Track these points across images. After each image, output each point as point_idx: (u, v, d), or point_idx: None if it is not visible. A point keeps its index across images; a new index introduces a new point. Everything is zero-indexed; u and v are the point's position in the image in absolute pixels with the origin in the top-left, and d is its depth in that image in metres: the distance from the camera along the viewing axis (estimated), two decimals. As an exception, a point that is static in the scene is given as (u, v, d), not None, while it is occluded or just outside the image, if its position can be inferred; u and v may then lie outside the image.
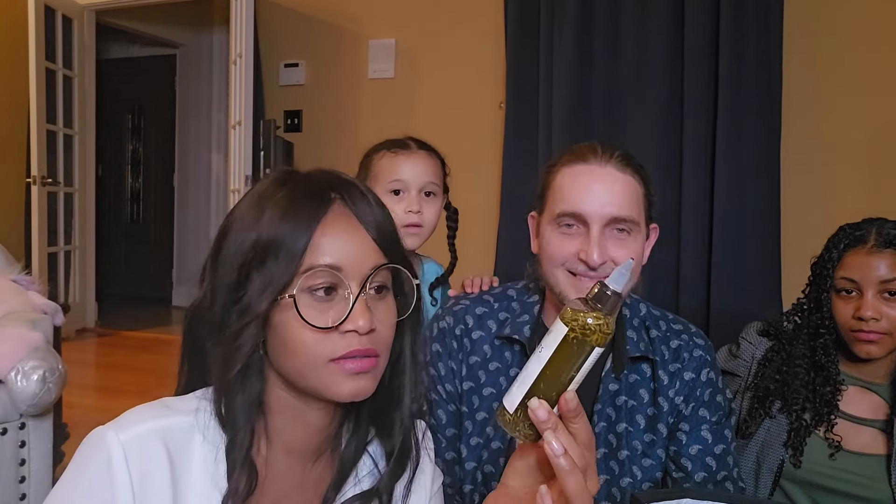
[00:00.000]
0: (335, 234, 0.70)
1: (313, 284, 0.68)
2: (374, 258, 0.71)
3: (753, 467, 1.34)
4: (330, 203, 0.71)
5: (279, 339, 0.70)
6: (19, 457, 1.84)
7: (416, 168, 1.44)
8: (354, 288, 0.69)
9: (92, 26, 4.40)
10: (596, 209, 1.03)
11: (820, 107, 2.72)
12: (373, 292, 0.71)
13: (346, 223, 0.71)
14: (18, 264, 2.32)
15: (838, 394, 1.31)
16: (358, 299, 0.68)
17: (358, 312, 0.68)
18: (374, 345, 0.70)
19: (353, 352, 0.68)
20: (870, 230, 1.29)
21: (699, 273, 2.73)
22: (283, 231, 0.69)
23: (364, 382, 0.70)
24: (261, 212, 0.70)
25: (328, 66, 3.64)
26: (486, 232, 3.15)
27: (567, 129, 2.90)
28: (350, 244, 0.70)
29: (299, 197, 0.71)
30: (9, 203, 4.30)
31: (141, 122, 6.09)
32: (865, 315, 1.24)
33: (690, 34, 2.73)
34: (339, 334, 0.68)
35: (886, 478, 1.24)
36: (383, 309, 0.72)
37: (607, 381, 1.11)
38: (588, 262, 1.02)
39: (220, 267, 0.71)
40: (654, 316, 1.17)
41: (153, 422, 0.69)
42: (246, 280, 0.69)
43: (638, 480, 1.09)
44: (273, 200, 0.71)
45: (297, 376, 0.71)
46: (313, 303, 0.68)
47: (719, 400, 1.13)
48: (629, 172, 1.06)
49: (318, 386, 0.70)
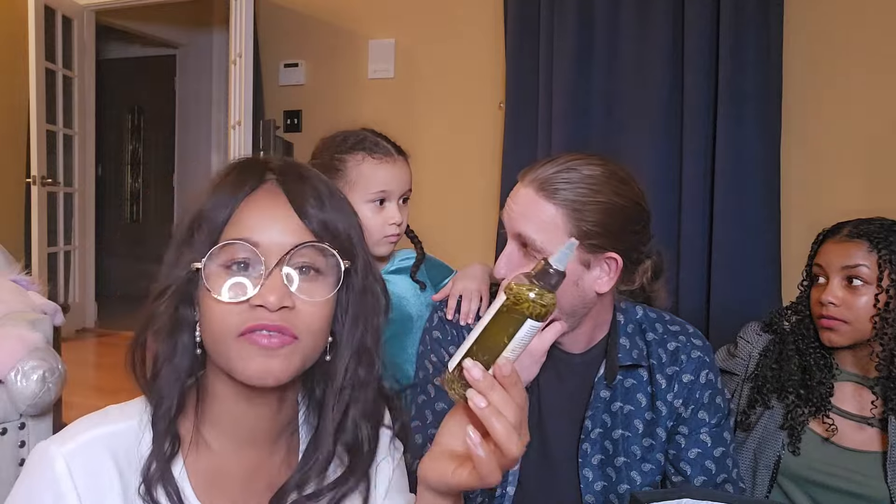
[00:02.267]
0: (259, 210, 0.69)
1: (228, 258, 0.67)
2: (298, 236, 0.68)
3: (751, 465, 1.35)
4: (261, 182, 0.71)
5: (201, 314, 0.69)
6: (19, 457, 1.84)
7: (399, 177, 1.38)
8: (270, 264, 0.66)
9: (92, 26, 4.39)
10: (504, 220, 1.08)
11: (820, 106, 2.72)
12: (296, 271, 0.68)
13: (274, 201, 0.70)
14: (18, 264, 2.32)
15: (830, 379, 1.32)
16: (272, 274, 0.66)
17: (268, 288, 0.65)
18: (290, 324, 0.66)
19: (259, 325, 0.65)
20: (850, 223, 1.32)
21: (699, 273, 2.73)
22: (209, 205, 0.69)
23: (275, 363, 0.66)
24: (206, 190, 0.71)
25: (328, 66, 3.64)
26: (486, 232, 3.15)
27: (567, 129, 2.90)
28: (273, 222, 0.68)
29: (233, 173, 0.71)
30: (9, 203, 4.29)
31: (141, 122, 6.09)
32: (825, 300, 1.27)
33: (690, 34, 2.73)
34: (248, 307, 0.66)
35: (882, 475, 1.25)
36: (308, 289, 0.68)
37: (599, 388, 1.11)
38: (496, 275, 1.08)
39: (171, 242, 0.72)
40: (651, 318, 1.17)
41: (94, 430, 0.69)
42: (180, 254, 0.70)
43: (637, 485, 1.09)
44: (215, 180, 0.72)
45: (213, 353, 0.69)
46: (226, 276, 0.67)
47: (718, 401, 1.13)
48: (545, 197, 1.03)
49: (228, 363, 0.67)
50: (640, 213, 1.07)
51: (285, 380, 0.68)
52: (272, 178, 0.71)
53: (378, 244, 1.39)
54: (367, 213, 1.36)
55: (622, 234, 1.04)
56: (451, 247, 3.24)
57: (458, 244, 3.36)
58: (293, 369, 0.68)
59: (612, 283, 1.06)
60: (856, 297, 1.26)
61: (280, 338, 0.66)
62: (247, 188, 0.70)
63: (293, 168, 0.73)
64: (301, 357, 0.68)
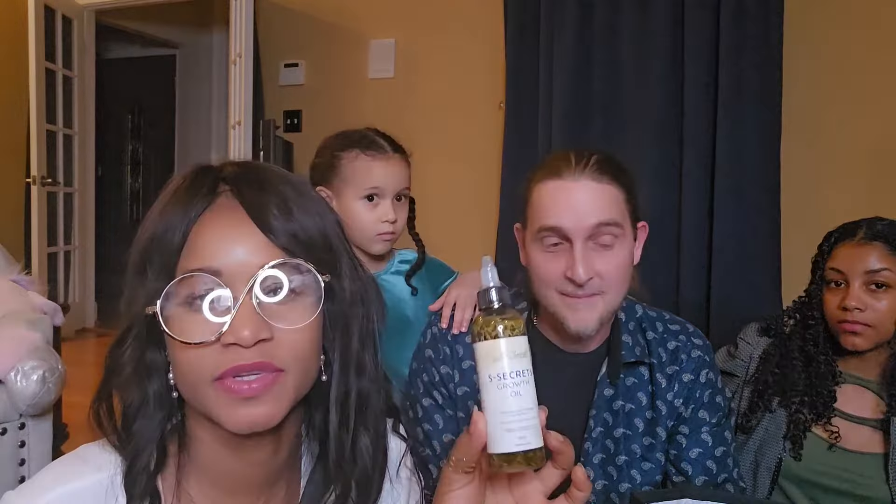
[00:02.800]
0: (215, 231, 0.58)
1: (189, 293, 0.57)
2: (265, 256, 0.58)
3: (752, 467, 1.34)
4: (215, 196, 0.60)
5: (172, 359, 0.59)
6: (19, 457, 1.84)
7: (393, 175, 1.37)
8: (238, 294, 0.57)
9: (91, 26, 4.39)
10: (576, 224, 1.02)
11: (820, 106, 2.72)
12: (269, 296, 0.58)
13: (230, 218, 0.59)
14: (18, 264, 2.32)
15: (834, 386, 1.31)
16: (241, 306, 0.56)
17: (239, 321, 0.56)
18: (271, 357, 0.57)
19: (236, 367, 0.56)
20: (861, 224, 1.31)
21: (699, 273, 2.73)
22: (159, 230, 0.59)
23: (259, 409, 0.57)
24: (153, 210, 0.61)
25: (328, 66, 3.63)
26: (486, 232, 3.15)
27: (567, 129, 2.90)
28: (233, 243, 0.58)
29: (182, 190, 0.60)
30: (9, 203, 4.29)
31: (141, 122, 6.09)
32: (850, 305, 1.26)
33: (690, 34, 2.73)
34: (220, 348, 0.56)
35: (884, 476, 1.25)
36: (288, 314, 0.58)
37: (602, 387, 1.11)
38: (574, 280, 1.02)
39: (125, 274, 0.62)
40: (651, 317, 1.17)
41: (64, 486, 0.60)
42: (133, 290, 0.60)
43: (637, 484, 1.09)
44: (162, 197, 0.61)
45: (192, 401, 0.60)
46: (191, 314, 0.57)
47: (719, 401, 1.13)
48: (605, 181, 1.05)
49: (210, 412, 0.58)
50: None
51: (279, 421, 0.59)
52: (226, 190, 0.61)
53: (372, 242, 1.39)
54: (360, 209, 1.36)
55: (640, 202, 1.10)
56: (451, 247, 3.23)
57: (457, 244, 3.35)
58: (285, 408, 0.59)
59: (639, 254, 1.10)
60: (878, 300, 1.25)
61: (261, 379, 0.57)
62: (198, 206, 0.59)
63: (250, 173, 0.62)
64: (293, 390, 0.60)
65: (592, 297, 1.04)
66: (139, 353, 0.61)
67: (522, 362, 0.61)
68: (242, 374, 0.57)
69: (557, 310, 1.06)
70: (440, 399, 1.14)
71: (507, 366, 0.60)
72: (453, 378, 1.13)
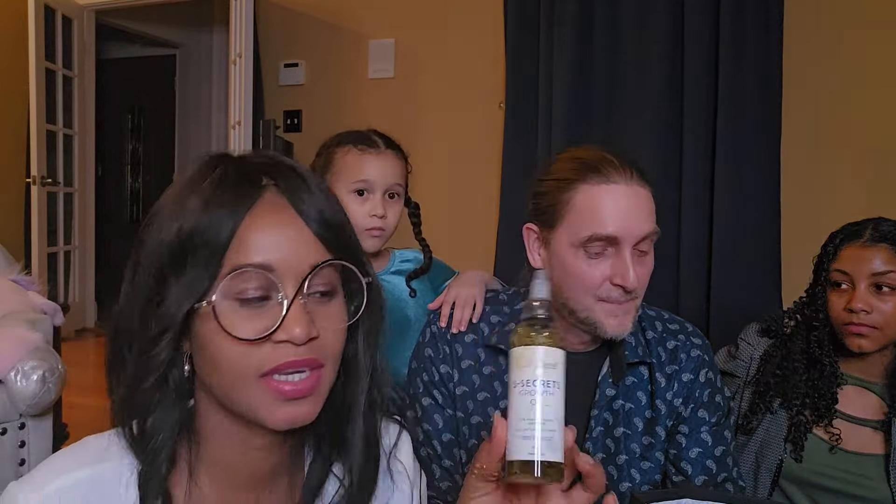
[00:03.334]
0: (266, 227, 0.59)
1: (240, 289, 0.58)
2: (315, 255, 0.60)
3: (752, 467, 1.34)
4: (261, 190, 0.60)
5: (204, 352, 0.59)
6: (19, 457, 1.84)
7: (382, 169, 1.37)
8: (290, 291, 0.58)
9: (92, 26, 4.39)
10: (629, 232, 1.02)
11: (820, 106, 2.72)
12: (315, 295, 0.60)
13: (280, 214, 0.60)
14: (18, 264, 2.32)
15: (836, 388, 1.31)
16: (293, 304, 0.58)
17: (292, 319, 0.57)
18: (316, 354, 0.59)
19: (287, 364, 0.58)
20: (867, 225, 1.30)
21: (699, 273, 2.72)
22: (203, 224, 0.58)
23: (303, 408, 0.59)
24: (183, 203, 0.59)
25: (328, 66, 3.63)
26: (486, 232, 3.15)
27: (567, 129, 2.90)
28: (283, 239, 0.59)
29: (226, 183, 0.60)
30: (9, 203, 4.29)
31: (141, 122, 6.08)
32: (856, 307, 1.25)
33: (690, 34, 2.73)
34: (271, 345, 0.58)
35: (885, 477, 1.25)
36: (328, 313, 0.61)
37: (604, 387, 1.10)
38: (626, 286, 1.01)
39: (139, 267, 0.61)
40: (650, 316, 1.17)
41: (68, 475, 0.61)
42: (164, 284, 0.59)
43: (637, 484, 1.09)
44: (197, 188, 0.60)
45: (224, 397, 0.60)
46: (240, 309, 0.58)
47: (718, 400, 1.13)
48: (649, 188, 1.08)
49: (249, 409, 0.59)
50: None
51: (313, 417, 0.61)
52: (270, 185, 0.61)
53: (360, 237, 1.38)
54: (349, 203, 1.37)
55: None
56: (451, 247, 3.23)
57: (457, 244, 3.35)
58: (321, 404, 0.61)
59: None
60: (885, 303, 1.25)
61: (308, 380, 0.59)
62: (249, 203, 0.59)
63: (287, 169, 0.63)
64: (327, 388, 0.62)
65: (630, 301, 1.04)
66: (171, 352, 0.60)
67: (553, 374, 0.61)
68: (289, 370, 0.58)
69: (593, 315, 1.04)
70: (440, 398, 1.13)
71: (537, 373, 0.61)
72: (453, 377, 1.13)
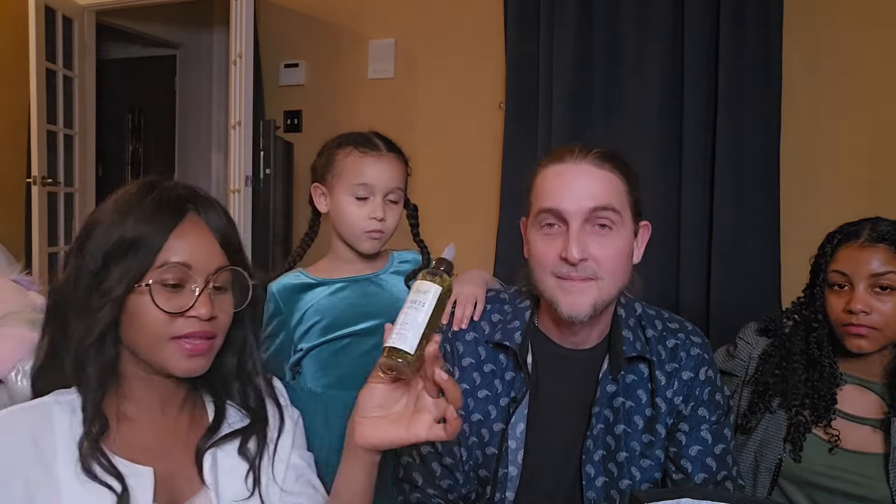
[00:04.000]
0: (188, 237, 0.89)
1: (166, 278, 0.86)
2: (218, 260, 0.91)
3: (752, 467, 1.34)
4: (186, 212, 0.90)
5: (133, 319, 0.87)
6: (19, 457, 1.83)
7: (383, 172, 1.39)
8: (200, 283, 0.88)
9: (92, 26, 4.39)
10: (573, 205, 1.03)
11: (820, 106, 2.72)
12: (215, 287, 0.89)
13: (198, 230, 0.90)
14: (19, 264, 2.32)
15: (836, 389, 1.31)
16: (203, 293, 0.88)
17: (201, 303, 0.87)
18: (212, 328, 0.89)
19: (193, 333, 0.87)
20: (864, 226, 1.30)
21: (699, 273, 2.73)
22: (146, 231, 0.86)
23: (198, 362, 0.89)
24: (126, 213, 0.87)
25: (328, 66, 3.63)
26: (486, 232, 3.15)
27: (567, 129, 2.90)
28: (199, 247, 0.89)
29: (161, 204, 0.89)
30: (9, 203, 4.29)
31: (141, 122, 6.08)
32: (855, 308, 1.25)
33: (690, 34, 2.73)
34: (183, 318, 0.87)
35: (884, 477, 1.25)
36: (223, 301, 0.91)
37: (605, 383, 1.11)
38: (569, 259, 1.02)
39: (85, 256, 0.87)
40: (650, 315, 1.17)
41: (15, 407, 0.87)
42: (107, 269, 0.86)
43: (637, 481, 1.09)
44: (139, 205, 0.88)
45: (143, 350, 0.89)
46: (164, 291, 0.86)
47: (718, 398, 1.13)
48: (607, 168, 1.06)
49: (160, 360, 0.88)
50: None
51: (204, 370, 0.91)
52: (191, 209, 0.91)
53: (359, 239, 1.40)
54: (348, 205, 1.39)
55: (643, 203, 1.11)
56: (451, 247, 3.24)
57: (457, 244, 3.34)
58: (210, 362, 0.92)
59: (641, 254, 1.11)
60: (884, 303, 1.25)
61: (203, 344, 0.89)
62: (177, 220, 0.88)
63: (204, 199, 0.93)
64: (215, 352, 0.92)
65: (587, 280, 1.03)
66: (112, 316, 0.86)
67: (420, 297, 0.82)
68: (193, 337, 0.88)
69: (552, 293, 1.06)
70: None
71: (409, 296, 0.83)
72: (453, 375, 1.14)
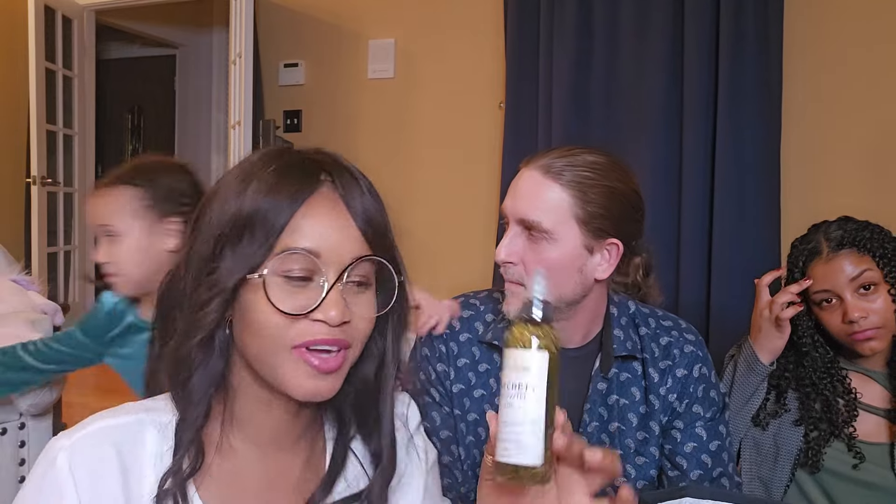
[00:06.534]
0: (318, 217, 0.66)
1: (288, 268, 0.65)
2: (357, 248, 0.67)
3: (772, 450, 1.35)
4: (318, 184, 0.67)
5: (245, 318, 0.66)
6: (19, 457, 1.84)
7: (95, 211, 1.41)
8: (331, 276, 0.65)
9: (92, 26, 4.39)
10: (509, 207, 1.07)
11: (820, 106, 2.72)
12: (352, 284, 0.66)
13: (332, 208, 0.67)
14: (18, 264, 2.32)
15: (854, 413, 1.31)
16: (332, 289, 0.64)
17: (330, 302, 0.64)
18: (346, 336, 0.66)
19: (319, 340, 0.64)
20: (818, 239, 1.31)
21: (699, 273, 2.72)
22: (264, 207, 0.65)
23: (326, 383, 0.66)
24: (246, 184, 0.66)
25: (328, 66, 3.63)
26: (486, 232, 3.15)
27: (567, 129, 2.90)
28: (332, 230, 0.66)
29: (287, 174, 0.67)
30: (9, 203, 4.29)
31: (141, 122, 6.09)
32: (854, 317, 1.26)
33: (690, 34, 2.73)
34: (307, 321, 0.64)
35: (890, 465, 1.26)
36: (361, 302, 0.67)
37: (596, 381, 1.11)
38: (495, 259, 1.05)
39: (199, 235, 0.68)
40: (643, 313, 1.17)
41: (99, 422, 0.67)
42: (220, 253, 0.66)
43: (632, 479, 1.10)
44: (260, 174, 0.67)
45: (256, 360, 0.67)
46: (285, 285, 0.65)
47: (713, 395, 1.14)
48: (552, 179, 1.04)
49: (277, 375, 0.66)
50: (638, 202, 1.10)
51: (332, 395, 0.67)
52: (327, 181, 0.68)
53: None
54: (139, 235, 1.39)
55: (622, 220, 1.07)
56: (451, 246, 3.25)
57: (457, 244, 3.36)
58: (340, 384, 0.68)
59: (610, 270, 1.08)
60: (873, 302, 1.27)
61: (336, 358, 0.65)
62: (306, 194, 0.66)
63: (344, 169, 0.70)
64: (347, 368, 0.68)
65: (517, 284, 1.06)
66: (220, 314, 0.66)
67: (522, 376, 0.62)
68: (320, 346, 0.65)
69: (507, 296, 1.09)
70: (437, 396, 1.14)
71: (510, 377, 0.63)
72: (449, 376, 1.14)
